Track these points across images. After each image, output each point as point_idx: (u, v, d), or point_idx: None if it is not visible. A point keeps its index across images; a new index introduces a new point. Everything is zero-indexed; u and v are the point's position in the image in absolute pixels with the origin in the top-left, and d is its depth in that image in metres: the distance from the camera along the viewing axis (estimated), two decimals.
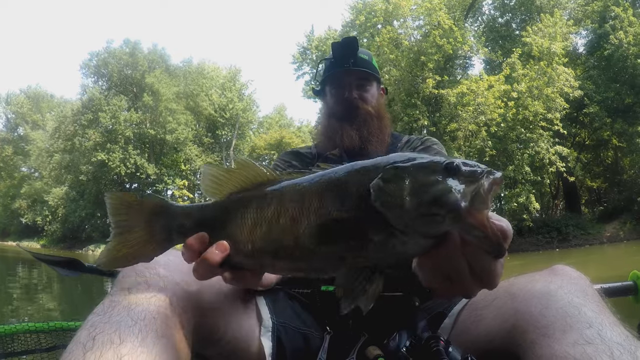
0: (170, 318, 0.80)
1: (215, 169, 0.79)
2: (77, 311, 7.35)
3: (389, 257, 0.65)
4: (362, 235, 0.64)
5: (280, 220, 0.70)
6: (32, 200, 41.17)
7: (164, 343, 0.74)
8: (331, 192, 0.68)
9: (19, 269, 17.01)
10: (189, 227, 0.76)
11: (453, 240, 0.62)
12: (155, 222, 0.76)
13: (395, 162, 0.66)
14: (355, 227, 0.65)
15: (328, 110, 1.62)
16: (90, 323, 0.73)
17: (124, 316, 0.75)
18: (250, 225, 0.73)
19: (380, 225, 0.63)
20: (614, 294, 1.37)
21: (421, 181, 0.62)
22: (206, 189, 0.77)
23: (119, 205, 0.75)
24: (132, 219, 0.75)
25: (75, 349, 0.68)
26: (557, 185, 24.59)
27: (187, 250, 0.73)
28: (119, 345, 0.68)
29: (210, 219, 0.76)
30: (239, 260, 0.74)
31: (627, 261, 12.55)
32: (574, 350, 0.72)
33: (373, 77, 1.61)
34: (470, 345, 0.97)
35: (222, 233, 0.74)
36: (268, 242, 0.71)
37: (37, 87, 50.89)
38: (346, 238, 0.66)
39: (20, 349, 1.28)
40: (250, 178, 0.76)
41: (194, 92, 37.57)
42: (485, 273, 0.65)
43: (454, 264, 0.63)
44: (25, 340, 1.31)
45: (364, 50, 1.61)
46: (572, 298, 0.84)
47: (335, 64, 1.59)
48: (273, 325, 1.11)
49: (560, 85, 19.18)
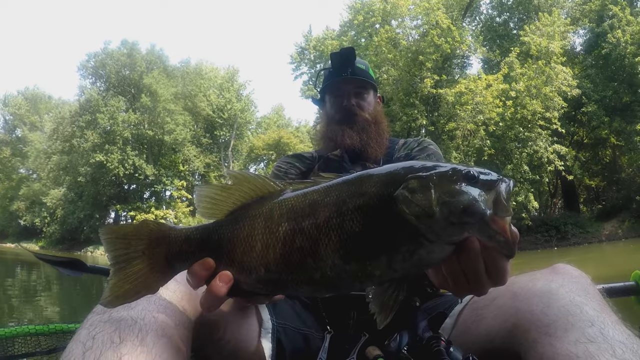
0: (169, 317, 0.80)
1: (210, 189, 0.74)
2: (76, 313, 7.33)
3: (415, 267, 0.65)
4: (390, 248, 0.63)
5: (296, 240, 0.66)
6: (30, 202, 41.09)
7: (164, 342, 0.73)
8: (350, 206, 0.65)
9: (18, 270, 16.98)
10: (191, 252, 0.71)
11: (474, 245, 0.63)
12: (154, 251, 0.71)
13: (413, 172, 0.65)
14: (383, 240, 0.63)
15: (328, 118, 1.68)
16: (90, 322, 0.73)
17: (124, 315, 0.74)
18: (260, 248, 0.68)
19: (409, 236, 0.62)
20: (616, 294, 1.36)
21: (448, 191, 0.62)
22: (203, 213, 0.74)
23: (114, 239, 0.70)
24: (130, 252, 0.70)
25: (75, 347, 0.68)
26: (555, 184, 24.63)
27: (191, 278, 0.71)
28: (118, 344, 0.68)
29: (214, 242, 0.71)
30: (251, 285, 0.70)
31: (625, 259, 12.58)
32: (576, 348, 0.72)
33: (370, 85, 1.68)
34: (472, 345, 0.97)
35: (228, 257, 0.70)
36: (284, 266, 0.66)
37: (34, 89, 50.86)
38: (374, 253, 0.63)
39: (21, 352, 1.28)
40: (249, 192, 0.72)
41: (192, 93, 37.56)
42: (500, 273, 0.68)
43: (472, 267, 0.65)
44: (25, 343, 1.31)
45: (361, 60, 1.69)
46: (574, 297, 0.84)
47: (333, 74, 1.66)
48: (273, 326, 1.11)
49: (558, 84, 19.21)
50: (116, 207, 36.45)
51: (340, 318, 1.24)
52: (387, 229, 0.63)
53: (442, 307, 1.15)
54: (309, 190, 0.70)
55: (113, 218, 40.36)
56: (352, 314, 1.24)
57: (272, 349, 1.08)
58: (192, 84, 37.91)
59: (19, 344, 1.30)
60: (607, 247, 18.06)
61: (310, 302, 1.28)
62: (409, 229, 0.62)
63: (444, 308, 1.14)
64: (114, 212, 39.01)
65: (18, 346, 1.30)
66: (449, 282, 0.70)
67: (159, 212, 34.39)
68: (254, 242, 0.68)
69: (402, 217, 0.62)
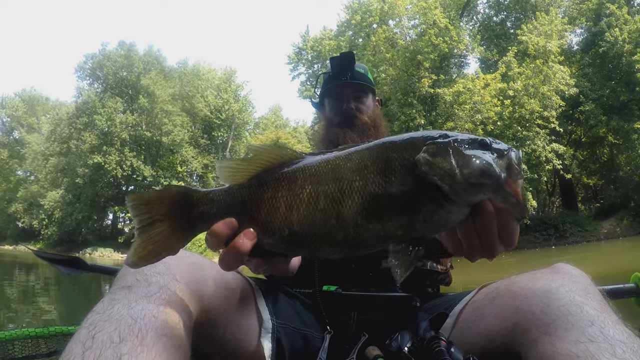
0: (169, 316, 0.79)
1: (230, 161, 0.77)
2: (75, 313, 7.32)
3: (434, 227, 0.68)
4: (411, 208, 0.66)
5: (320, 202, 0.68)
6: (28, 204, 40.98)
7: (164, 342, 0.73)
8: (372, 169, 0.68)
9: (16, 272, 16.93)
10: (213, 213, 0.73)
11: (489, 207, 0.67)
12: (176, 212, 0.73)
13: (432, 139, 0.69)
14: (405, 201, 0.66)
15: (327, 121, 1.69)
16: (90, 321, 0.73)
17: (124, 314, 0.74)
18: (284, 209, 0.70)
19: (430, 197, 0.66)
20: (616, 296, 1.35)
21: (467, 155, 0.66)
22: (226, 181, 0.75)
23: (139, 204, 0.73)
24: (152, 214, 0.73)
25: (75, 347, 0.68)
26: (553, 182, 24.68)
27: (212, 237, 0.71)
28: (118, 344, 0.67)
29: (237, 203, 0.73)
30: (273, 246, 0.72)
31: (624, 257, 12.60)
32: (576, 348, 0.72)
33: (369, 89, 1.70)
34: (472, 345, 0.97)
35: (251, 218, 0.72)
36: (308, 227, 0.69)
37: (32, 91, 50.74)
38: (396, 213, 0.66)
39: (20, 354, 1.27)
40: (270, 160, 0.74)
41: (189, 94, 37.51)
42: (510, 235, 0.71)
43: (487, 229, 0.68)
44: (25, 346, 1.30)
45: (360, 64, 1.70)
46: (574, 296, 0.84)
47: (333, 78, 1.68)
48: (273, 326, 1.11)
49: (556, 83, 19.24)
50: (114, 208, 36.40)
51: (341, 318, 1.23)
52: (409, 190, 0.67)
53: (443, 307, 1.15)
54: (330, 156, 0.72)
55: (111, 220, 40.33)
56: (353, 314, 1.24)
57: (271, 349, 1.08)
58: (190, 84, 37.86)
59: (18, 347, 1.29)
60: (606, 245, 18.08)
61: (311, 302, 1.28)
62: (430, 190, 0.66)
63: (444, 308, 1.14)
64: (112, 214, 38.97)
65: (18, 349, 1.29)
66: (463, 245, 0.71)
67: None
68: (277, 203, 0.71)
69: (424, 178, 0.66)
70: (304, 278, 1.32)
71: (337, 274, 1.30)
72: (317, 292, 1.26)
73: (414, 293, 1.27)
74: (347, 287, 1.27)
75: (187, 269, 0.92)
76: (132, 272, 0.86)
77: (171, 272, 0.88)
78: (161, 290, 0.83)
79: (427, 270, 1.34)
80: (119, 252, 33.15)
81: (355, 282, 1.28)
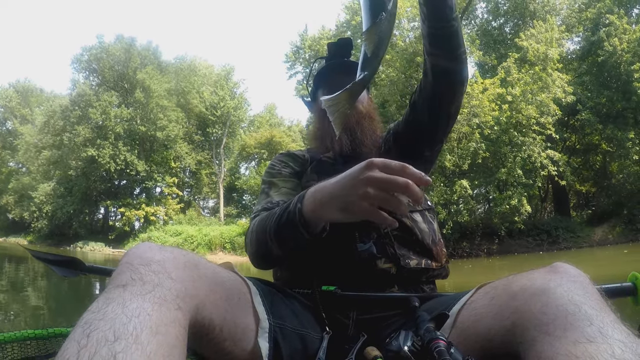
0: (165, 315, 0.78)
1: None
2: (65, 310, 7.28)
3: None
4: None
5: None
6: (19, 196, 40.73)
7: (159, 340, 0.72)
8: None
9: (5, 265, 16.81)
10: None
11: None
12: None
13: None
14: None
15: (320, 113, 1.60)
16: (85, 320, 0.72)
17: (119, 313, 0.72)
18: None
19: None
20: (613, 296, 1.34)
21: None
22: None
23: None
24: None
25: (70, 346, 0.67)
26: (546, 188, 24.87)
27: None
28: (113, 342, 0.66)
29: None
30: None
31: (618, 261, 12.70)
32: (575, 348, 0.71)
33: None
34: (470, 345, 0.96)
35: None
36: None
37: (26, 82, 50.45)
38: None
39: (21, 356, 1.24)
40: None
41: (185, 90, 37.41)
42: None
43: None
44: (25, 348, 1.27)
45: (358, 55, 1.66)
46: (572, 296, 0.83)
47: (328, 59, 1.65)
48: (270, 326, 1.10)
49: (554, 90, 19.37)
50: (106, 202, 36.21)
51: (339, 318, 1.22)
52: None
53: (442, 307, 1.14)
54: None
55: (102, 214, 40.14)
56: (351, 314, 1.23)
57: (268, 349, 1.06)
58: (186, 80, 37.75)
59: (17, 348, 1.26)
60: (598, 251, 18.21)
61: (309, 303, 1.27)
62: None
63: (443, 308, 1.13)
64: (103, 208, 38.80)
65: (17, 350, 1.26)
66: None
67: (149, 208, 34.20)
68: None
69: None
70: (302, 278, 1.31)
71: (336, 274, 1.29)
72: (316, 292, 1.25)
73: (413, 293, 1.26)
74: (346, 287, 1.26)
75: (182, 268, 0.90)
76: (127, 271, 0.85)
77: (166, 271, 0.87)
78: (156, 289, 0.81)
79: (422, 268, 1.33)
80: (110, 246, 33.00)
81: (354, 282, 1.27)
